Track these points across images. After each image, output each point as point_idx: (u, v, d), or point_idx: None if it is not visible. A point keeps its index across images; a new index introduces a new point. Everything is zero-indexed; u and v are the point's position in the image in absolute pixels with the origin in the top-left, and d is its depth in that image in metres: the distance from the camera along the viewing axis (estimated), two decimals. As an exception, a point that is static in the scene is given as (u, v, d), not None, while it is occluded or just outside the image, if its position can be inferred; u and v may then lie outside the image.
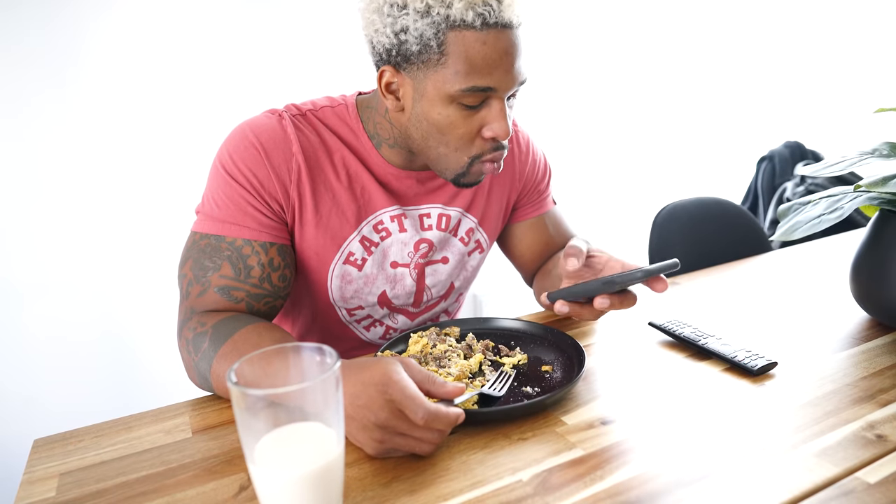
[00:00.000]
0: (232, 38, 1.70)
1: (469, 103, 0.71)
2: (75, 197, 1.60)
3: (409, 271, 0.89)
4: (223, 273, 0.76)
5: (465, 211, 0.91)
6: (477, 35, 0.67)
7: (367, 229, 0.85)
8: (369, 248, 0.85)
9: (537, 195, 0.99)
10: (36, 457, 0.61)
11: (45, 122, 1.53)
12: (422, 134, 0.76)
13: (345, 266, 0.85)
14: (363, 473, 0.55)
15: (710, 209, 1.49)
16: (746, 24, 2.70)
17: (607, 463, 0.55)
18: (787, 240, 0.83)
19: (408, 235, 0.87)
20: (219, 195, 0.78)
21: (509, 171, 0.95)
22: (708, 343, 0.75)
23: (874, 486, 0.50)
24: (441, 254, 0.91)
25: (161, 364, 1.76)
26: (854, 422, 0.59)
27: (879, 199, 0.77)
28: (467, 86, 0.69)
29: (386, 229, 0.86)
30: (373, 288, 0.88)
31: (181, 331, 0.76)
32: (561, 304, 0.70)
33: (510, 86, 0.71)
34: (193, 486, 0.55)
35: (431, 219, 0.89)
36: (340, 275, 0.85)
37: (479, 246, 0.95)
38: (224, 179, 0.78)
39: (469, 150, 0.75)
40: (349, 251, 0.84)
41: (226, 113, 1.69)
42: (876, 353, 0.74)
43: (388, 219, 0.86)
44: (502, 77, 0.70)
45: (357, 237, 0.84)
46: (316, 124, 0.83)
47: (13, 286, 1.56)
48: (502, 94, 0.72)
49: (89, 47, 1.54)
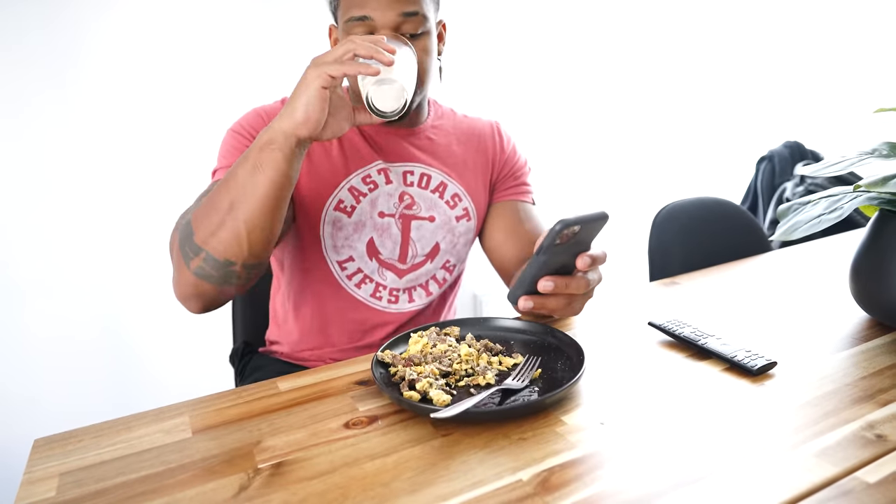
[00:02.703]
0: (233, 38, 1.70)
1: (357, 33, 0.81)
2: (76, 198, 1.60)
3: (395, 221, 0.96)
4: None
5: (446, 175, 1.00)
6: None
7: (355, 180, 0.94)
8: (358, 196, 0.94)
9: (513, 180, 1.06)
10: (36, 457, 0.61)
11: (46, 122, 1.53)
12: None
13: (335, 212, 0.93)
14: (364, 473, 0.55)
15: (709, 209, 1.49)
16: (746, 24, 2.70)
17: (607, 463, 0.55)
18: (787, 240, 0.83)
19: (393, 187, 0.96)
20: (226, 150, 0.89)
21: (491, 152, 1.05)
22: (707, 343, 0.75)
23: (874, 485, 0.50)
24: (428, 212, 0.98)
25: (161, 364, 1.77)
26: (854, 422, 0.59)
27: (879, 199, 0.77)
28: (347, 16, 0.82)
29: (374, 182, 0.95)
30: (361, 235, 0.94)
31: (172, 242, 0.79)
32: (524, 301, 0.73)
33: (388, 16, 0.81)
34: (193, 486, 0.55)
35: (414, 176, 0.98)
36: (332, 221, 0.93)
37: (466, 214, 1.02)
38: (232, 136, 0.90)
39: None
40: (339, 198, 0.93)
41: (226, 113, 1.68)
42: (875, 352, 0.74)
43: (375, 172, 0.95)
44: (376, 6, 0.81)
45: (346, 186, 0.94)
46: None
47: (13, 287, 1.56)
48: (381, 23, 0.82)
49: (90, 47, 1.54)
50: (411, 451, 0.58)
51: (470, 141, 1.05)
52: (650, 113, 2.56)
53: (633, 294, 0.99)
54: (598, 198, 2.50)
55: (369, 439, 0.61)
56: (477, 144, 1.05)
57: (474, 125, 1.07)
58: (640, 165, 2.59)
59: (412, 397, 0.64)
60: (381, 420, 0.64)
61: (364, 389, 0.71)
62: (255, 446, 0.61)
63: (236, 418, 0.67)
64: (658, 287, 1.03)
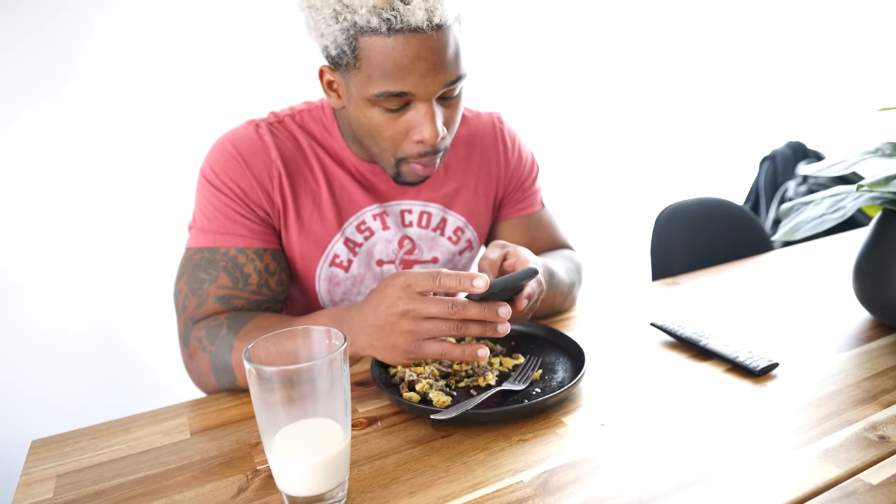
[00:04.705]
0: (233, 41, 1.70)
1: (390, 107, 0.70)
2: (76, 198, 1.60)
3: (395, 268, 0.89)
4: (220, 283, 0.76)
5: (446, 208, 0.91)
6: (385, 41, 0.66)
7: (350, 230, 0.85)
8: (353, 248, 0.86)
9: (521, 193, 0.98)
10: (33, 458, 0.61)
11: (46, 122, 1.53)
12: (359, 132, 0.76)
13: (331, 269, 0.86)
14: (363, 475, 0.55)
15: (711, 209, 1.48)
16: (748, 24, 2.69)
17: (608, 464, 0.54)
18: (790, 239, 0.83)
19: (391, 233, 0.88)
20: (207, 207, 0.79)
21: (495, 167, 0.95)
22: (709, 343, 0.75)
23: (877, 487, 0.49)
24: (430, 254, 0.92)
25: (161, 364, 1.76)
26: (856, 423, 0.59)
27: (882, 198, 0.76)
28: (380, 91, 0.68)
29: (369, 228, 0.87)
30: (361, 288, 0.88)
31: (186, 340, 0.76)
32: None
33: (430, 89, 0.69)
34: (192, 488, 0.55)
35: (413, 215, 0.90)
36: (327, 277, 0.86)
37: (469, 245, 0.96)
38: (210, 191, 0.79)
39: (396, 152, 0.75)
40: (334, 253, 0.85)
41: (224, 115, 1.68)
42: (878, 353, 0.74)
43: (370, 218, 0.86)
44: (418, 81, 0.68)
45: (340, 239, 0.85)
46: (293, 129, 0.84)
47: (13, 287, 1.56)
48: (424, 97, 0.70)
49: (89, 48, 1.54)
50: (411, 453, 0.58)
51: (472, 154, 0.93)
52: (652, 113, 2.56)
53: (634, 294, 0.99)
54: (599, 198, 2.50)
55: (369, 440, 0.60)
56: (481, 156, 0.94)
57: (474, 130, 0.95)
58: (643, 165, 2.59)
59: (412, 398, 0.64)
60: (380, 421, 0.64)
61: (363, 390, 0.71)
62: (254, 448, 0.61)
63: (235, 420, 0.67)
64: (660, 287, 1.03)
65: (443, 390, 0.66)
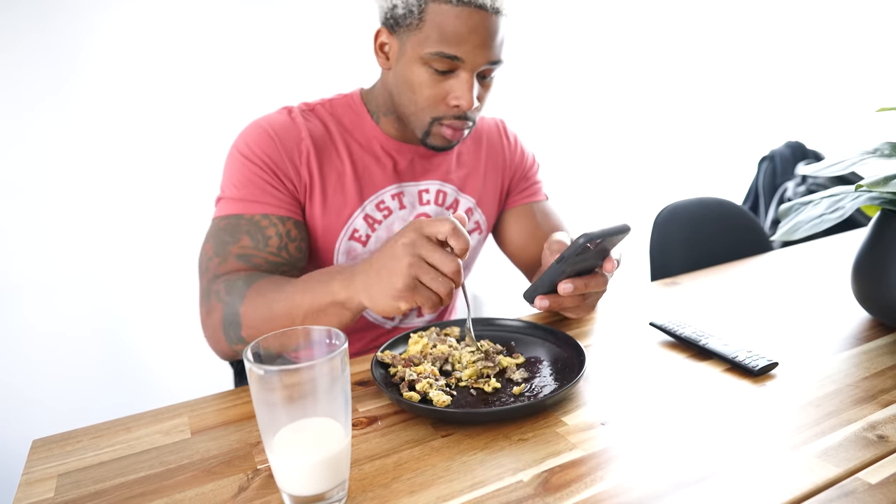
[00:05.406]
0: (234, 39, 1.70)
1: (439, 68, 0.79)
2: (76, 199, 1.60)
3: None
4: (242, 244, 0.82)
5: (459, 189, 0.99)
6: (451, 9, 0.76)
7: (370, 207, 0.92)
8: (373, 224, 0.92)
9: (525, 182, 1.06)
10: (34, 457, 0.61)
11: (46, 121, 1.53)
12: (398, 91, 0.84)
13: (350, 242, 0.91)
14: (364, 474, 0.55)
15: (710, 209, 1.49)
16: (747, 23, 2.69)
17: (608, 463, 0.54)
18: (789, 240, 0.83)
19: (407, 212, 0.95)
20: (237, 178, 0.85)
21: (501, 157, 1.04)
22: (709, 343, 0.75)
23: (875, 486, 0.49)
24: None
25: (161, 364, 1.76)
26: (855, 422, 0.59)
27: (881, 198, 0.76)
28: (435, 50, 0.77)
29: (388, 208, 0.93)
30: None
31: (207, 296, 0.80)
32: (539, 300, 0.73)
33: (477, 61, 0.79)
34: (192, 487, 0.55)
35: (430, 194, 0.97)
36: (346, 251, 0.91)
37: (478, 227, 1.02)
38: (241, 163, 0.85)
39: (432, 111, 0.83)
40: (354, 227, 0.91)
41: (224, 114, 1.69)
42: (877, 353, 0.74)
43: (389, 197, 0.93)
44: (470, 51, 0.77)
45: (361, 214, 0.91)
46: (323, 115, 0.91)
47: (13, 288, 1.56)
48: (470, 67, 0.79)
49: (89, 48, 1.54)
50: (411, 452, 0.58)
51: (480, 147, 1.02)
52: (652, 113, 2.56)
53: (633, 294, 0.99)
54: (599, 198, 2.50)
55: (369, 440, 0.61)
56: (488, 149, 1.03)
57: (481, 128, 1.04)
58: (642, 165, 2.59)
59: (412, 398, 0.64)
60: (380, 421, 0.64)
61: (364, 390, 0.71)
62: (255, 447, 0.61)
63: (235, 419, 0.67)
64: (659, 287, 1.03)
65: (443, 390, 0.66)
